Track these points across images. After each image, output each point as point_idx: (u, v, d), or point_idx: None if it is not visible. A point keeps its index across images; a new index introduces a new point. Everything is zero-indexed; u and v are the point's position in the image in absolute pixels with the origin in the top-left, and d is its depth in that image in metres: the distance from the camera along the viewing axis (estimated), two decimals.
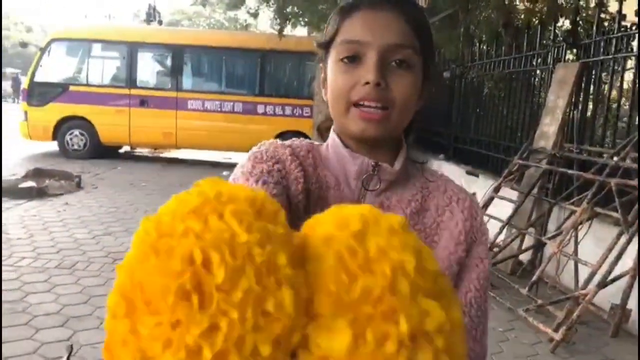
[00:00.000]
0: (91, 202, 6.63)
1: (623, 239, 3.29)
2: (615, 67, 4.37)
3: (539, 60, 5.52)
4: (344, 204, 0.44)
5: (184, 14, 34.46)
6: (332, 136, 0.85)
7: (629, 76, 4.45)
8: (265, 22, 12.83)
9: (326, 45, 0.83)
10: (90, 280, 3.99)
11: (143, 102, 10.11)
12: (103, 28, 12.16)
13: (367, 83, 0.75)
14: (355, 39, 0.77)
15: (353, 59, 0.77)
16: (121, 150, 11.51)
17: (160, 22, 19.22)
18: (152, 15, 18.18)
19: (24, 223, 5.41)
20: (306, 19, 12.99)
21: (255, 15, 13.84)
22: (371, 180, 0.82)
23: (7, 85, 28.39)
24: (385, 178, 0.82)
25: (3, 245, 4.55)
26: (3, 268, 4.04)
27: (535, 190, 4.54)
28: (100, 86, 10.22)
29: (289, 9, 11.97)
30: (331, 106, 0.81)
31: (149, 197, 7.21)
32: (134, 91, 10.16)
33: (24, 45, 29.37)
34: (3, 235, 4.84)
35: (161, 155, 11.97)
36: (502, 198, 4.77)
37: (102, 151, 10.30)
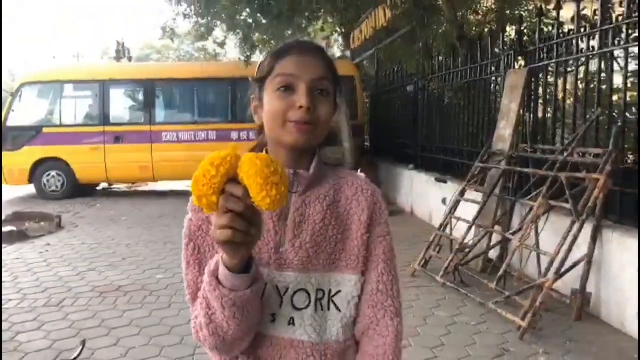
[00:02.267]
0: (73, 241, 6.71)
1: (575, 228, 3.55)
2: (562, 69, 4.70)
3: (493, 68, 5.84)
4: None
5: (152, 48, 34.63)
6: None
7: (572, 77, 4.76)
8: (234, 50, 13.10)
9: (261, 80, 1.05)
10: (79, 315, 4.10)
11: (118, 138, 10.24)
12: (73, 68, 12.30)
13: (301, 107, 0.98)
14: (290, 73, 1.00)
15: (287, 89, 1.00)
16: (99, 188, 11.58)
17: (130, 58, 19.40)
18: (121, 52, 18.36)
19: (7, 267, 5.49)
20: (272, 45, 13.31)
21: (222, 44, 14.15)
22: (293, 185, 1.03)
23: None
24: (302, 182, 1.03)
25: None
26: None
27: (497, 191, 4.81)
28: (74, 126, 10.33)
29: (255, 37, 12.28)
30: (269, 124, 1.02)
31: (130, 230, 7.32)
32: (108, 128, 10.29)
33: None
34: None
35: (139, 189, 12.06)
36: (467, 200, 5.03)
37: (80, 190, 10.36)
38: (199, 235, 1.04)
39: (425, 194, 7.16)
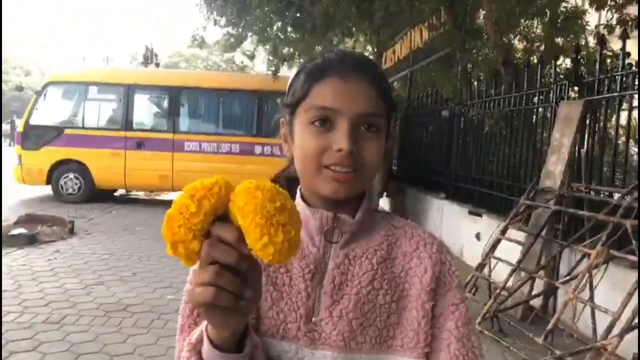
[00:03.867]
0: (83, 249, 6.42)
1: None
2: (620, 105, 4.28)
3: (541, 97, 5.44)
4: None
5: (181, 56, 34.93)
6: (297, 195, 0.87)
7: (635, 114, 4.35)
8: (262, 64, 12.91)
9: (293, 106, 0.83)
10: (79, 336, 3.76)
11: (139, 144, 10.03)
12: (99, 71, 12.18)
13: (340, 150, 0.77)
14: (327, 106, 0.79)
15: (324, 123, 0.79)
16: (116, 194, 11.35)
17: (157, 65, 19.36)
18: (149, 58, 18.33)
19: (12, 273, 5.20)
20: (302, 60, 13.11)
21: (251, 57, 13.99)
22: (333, 233, 0.83)
23: (6, 128, 28.42)
24: (347, 230, 0.83)
25: None
26: None
27: (544, 232, 4.38)
28: (96, 129, 10.14)
29: (284, 51, 12.07)
30: (300, 166, 0.82)
31: (143, 242, 7.00)
32: (130, 134, 10.08)
33: (20, 88, 29.51)
34: None
35: (157, 197, 11.80)
36: (509, 240, 4.60)
37: (96, 195, 10.14)
38: None
39: (456, 227, 6.73)
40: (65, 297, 4.62)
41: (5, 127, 28.44)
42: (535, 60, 6.14)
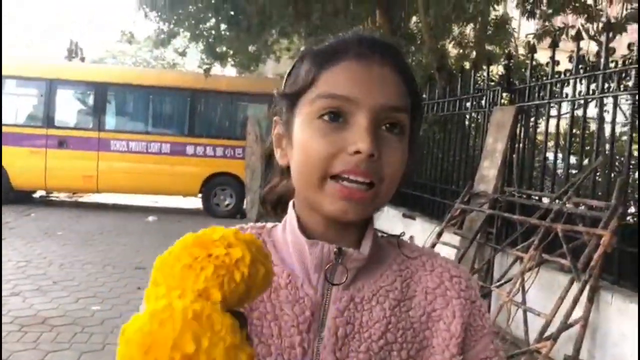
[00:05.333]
0: None
1: (576, 288, 3.20)
2: (549, 112, 4.43)
3: (474, 103, 5.55)
4: None
5: (108, 52, 33.48)
6: (291, 215, 0.69)
7: (564, 121, 4.51)
8: (193, 62, 12.55)
9: (293, 97, 0.66)
10: None
11: (61, 142, 9.44)
12: (18, 62, 11.35)
13: (357, 152, 0.61)
14: (341, 94, 0.62)
15: (336, 118, 0.62)
16: (35, 195, 10.65)
17: (82, 59, 18.40)
18: (74, 52, 17.38)
19: None
20: (235, 59, 12.87)
21: (183, 54, 13.57)
22: (336, 271, 0.66)
23: None
24: (352, 266, 0.67)
25: None
26: None
27: (478, 236, 4.45)
28: (14, 125, 9.45)
29: (218, 49, 11.79)
30: (298, 175, 0.65)
31: (65, 247, 6.57)
32: (51, 131, 9.47)
33: None
34: None
35: (80, 200, 11.18)
36: (445, 244, 4.64)
37: (14, 196, 9.43)
38: None
39: (390, 230, 6.63)
40: None
41: None
42: (468, 67, 6.28)
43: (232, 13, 10.84)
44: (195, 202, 10.24)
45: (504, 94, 5.00)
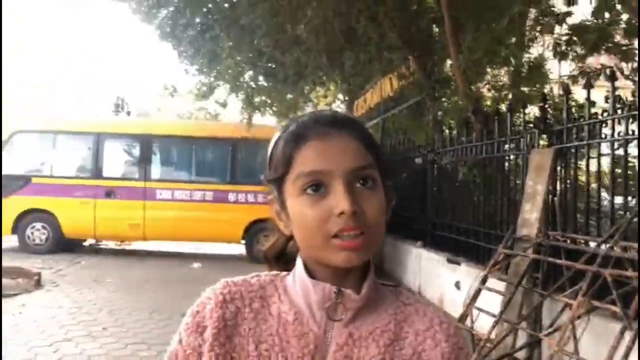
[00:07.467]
0: (51, 303, 6.16)
1: (628, 336, 3.11)
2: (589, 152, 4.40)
3: (512, 145, 5.55)
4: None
5: (153, 105, 34.73)
6: (299, 265, 0.81)
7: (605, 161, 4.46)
8: (235, 112, 12.96)
9: (279, 180, 0.79)
10: None
11: (109, 193, 9.83)
12: (68, 119, 11.96)
13: (342, 213, 0.72)
14: (315, 169, 0.74)
15: (317, 189, 0.74)
16: (85, 244, 11.03)
17: (128, 113, 19.22)
18: (120, 106, 18.19)
19: None
20: (274, 108, 13.23)
21: (224, 105, 14.05)
22: (336, 309, 0.77)
23: None
24: (351, 306, 0.77)
25: None
26: None
27: (524, 281, 4.37)
28: (65, 177, 9.92)
29: (257, 99, 12.18)
30: (303, 240, 0.77)
31: (114, 294, 6.76)
32: (99, 182, 9.89)
33: None
34: None
35: (127, 248, 11.50)
36: (489, 290, 4.58)
37: (65, 245, 9.82)
38: None
39: (435, 275, 6.70)
40: (31, 356, 4.38)
41: None
42: (504, 109, 6.30)
43: (268, 65, 11.23)
44: (239, 249, 10.36)
45: (542, 136, 5.00)
